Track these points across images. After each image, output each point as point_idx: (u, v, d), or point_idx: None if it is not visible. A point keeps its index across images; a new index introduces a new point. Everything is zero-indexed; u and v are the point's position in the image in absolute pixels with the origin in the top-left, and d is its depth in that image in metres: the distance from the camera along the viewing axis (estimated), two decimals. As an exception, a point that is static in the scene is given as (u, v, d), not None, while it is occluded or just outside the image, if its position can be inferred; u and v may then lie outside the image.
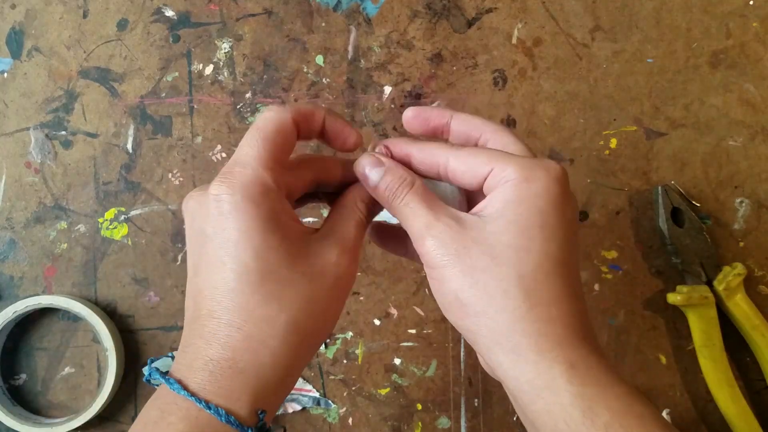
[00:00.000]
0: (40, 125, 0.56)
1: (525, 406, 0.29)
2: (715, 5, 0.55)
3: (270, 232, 0.29)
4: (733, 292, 0.52)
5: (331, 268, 0.31)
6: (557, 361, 0.28)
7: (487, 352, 0.30)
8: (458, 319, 0.30)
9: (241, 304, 0.29)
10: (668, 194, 0.53)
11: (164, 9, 0.56)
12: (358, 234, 0.33)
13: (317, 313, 0.30)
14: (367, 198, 0.34)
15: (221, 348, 0.29)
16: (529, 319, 0.28)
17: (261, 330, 0.29)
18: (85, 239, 0.56)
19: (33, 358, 0.55)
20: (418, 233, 0.31)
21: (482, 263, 0.29)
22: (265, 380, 0.29)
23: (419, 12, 0.56)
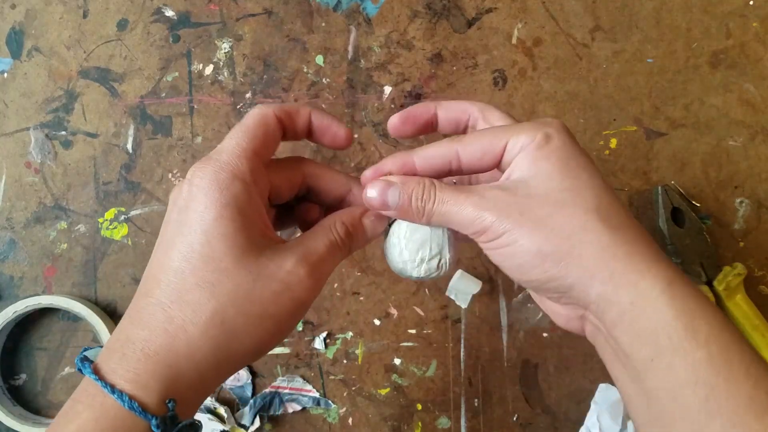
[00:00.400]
0: (40, 125, 0.56)
1: (626, 329, 0.28)
2: (715, 5, 0.55)
3: (226, 220, 0.29)
4: (733, 292, 0.52)
5: (283, 274, 0.29)
6: (657, 278, 0.28)
7: (585, 291, 0.29)
8: (544, 272, 0.29)
9: (175, 285, 0.28)
10: (668, 194, 0.53)
11: (164, 9, 0.56)
12: (328, 253, 0.32)
13: (252, 314, 0.28)
14: (348, 220, 0.33)
15: (141, 327, 0.28)
16: (616, 243, 0.29)
17: (184, 314, 0.28)
18: (85, 239, 0.56)
19: (33, 358, 0.55)
20: (472, 215, 0.30)
21: (546, 212, 0.29)
22: (177, 369, 0.27)
23: (419, 12, 0.56)
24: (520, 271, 0.30)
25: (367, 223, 0.34)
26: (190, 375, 0.28)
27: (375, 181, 0.33)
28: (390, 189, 0.32)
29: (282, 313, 0.29)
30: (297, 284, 0.30)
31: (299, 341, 0.55)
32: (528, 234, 0.29)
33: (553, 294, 0.31)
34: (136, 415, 0.26)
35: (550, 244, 0.29)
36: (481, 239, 0.31)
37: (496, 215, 0.30)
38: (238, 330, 0.28)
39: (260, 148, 0.31)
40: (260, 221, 0.31)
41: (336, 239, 0.32)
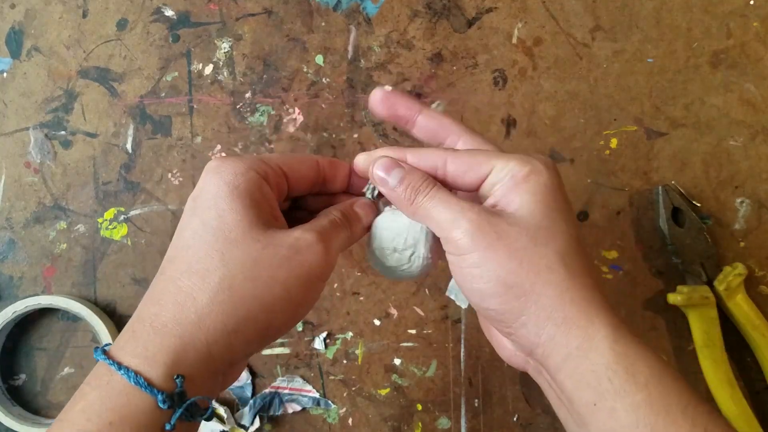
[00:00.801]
0: (40, 125, 0.56)
1: (570, 373, 0.29)
2: (716, 5, 0.55)
3: (237, 199, 0.30)
4: (733, 292, 0.52)
5: (291, 240, 0.30)
6: (604, 324, 0.29)
7: (536, 331, 0.30)
8: (503, 303, 0.30)
9: (186, 259, 0.29)
10: (669, 194, 0.53)
11: (164, 9, 0.56)
12: (332, 229, 0.33)
13: (260, 279, 0.28)
14: (342, 207, 0.35)
15: (152, 304, 0.28)
16: (575, 289, 0.30)
17: (192, 282, 0.28)
18: (84, 239, 0.55)
19: (33, 358, 0.55)
20: (451, 220, 0.31)
21: (521, 244, 0.30)
22: (186, 341, 0.27)
23: (419, 12, 0.56)
24: (479, 296, 0.31)
25: (359, 210, 0.35)
26: (199, 346, 0.27)
27: (388, 159, 0.34)
28: (395, 169, 0.33)
29: (291, 278, 0.29)
30: (306, 249, 0.30)
31: (299, 341, 0.55)
32: (498, 260, 0.30)
33: (504, 328, 0.31)
34: (142, 390, 0.25)
35: (516, 276, 0.30)
36: (451, 250, 0.31)
37: (475, 227, 0.30)
38: (246, 295, 0.28)
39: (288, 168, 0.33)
40: (271, 209, 0.31)
41: (336, 219, 0.33)
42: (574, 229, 0.31)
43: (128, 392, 0.25)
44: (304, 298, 0.30)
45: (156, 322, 0.27)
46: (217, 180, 0.30)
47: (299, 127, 0.56)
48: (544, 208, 0.31)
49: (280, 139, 0.56)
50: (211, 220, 0.29)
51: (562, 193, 0.32)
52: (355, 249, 0.55)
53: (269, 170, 0.32)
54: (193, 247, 0.29)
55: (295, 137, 0.56)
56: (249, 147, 0.56)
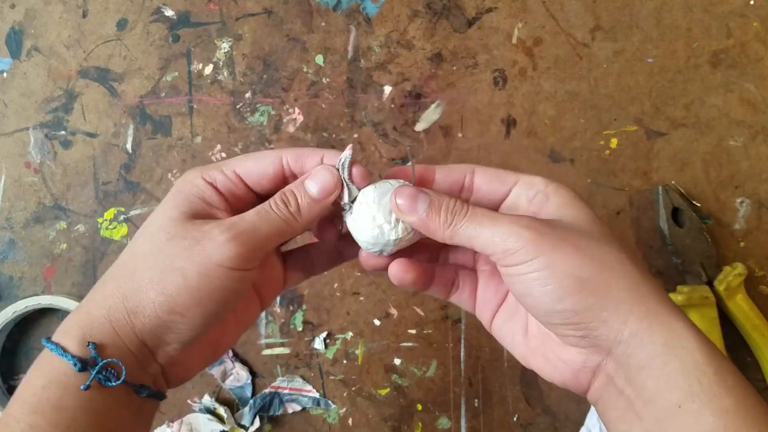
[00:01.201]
0: (40, 125, 0.56)
1: (654, 372, 0.28)
2: (716, 5, 0.55)
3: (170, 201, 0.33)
4: (733, 292, 0.52)
5: (195, 233, 0.31)
6: (685, 323, 0.28)
7: (618, 327, 0.28)
8: (581, 300, 0.29)
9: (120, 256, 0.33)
10: (668, 194, 0.53)
11: (164, 9, 0.56)
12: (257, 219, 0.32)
13: (158, 268, 0.31)
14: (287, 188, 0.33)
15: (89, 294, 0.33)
16: (649, 285, 0.29)
17: (111, 273, 0.32)
18: (84, 239, 0.55)
19: (33, 358, 0.55)
20: (506, 231, 0.30)
21: (585, 243, 0.30)
22: (92, 316, 0.31)
23: (419, 12, 0.56)
24: (553, 298, 0.29)
25: (310, 184, 0.33)
26: (102, 321, 0.31)
27: (406, 186, 0.33)
28: (420, 195, 0.32)
29: (189, 266, 0.30)
30: (208, 239, 0.31)
31: (299, 341, 0.55)
32: (567, 258, 0.29)
33: (579, 330, 0.30)
34: (63, 358, 0.29)
35: (589, 270, 0.29)
36: (510, 260, 0.30)
37: (534, 234, 0.29)
38: (143, 281, 0.31)
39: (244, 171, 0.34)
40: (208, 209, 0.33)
41: (267, 205, 0.33)
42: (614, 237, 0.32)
43: (54, 361, 0.30)
44: (206, 285, 0.31)
45: (79, 306, 0.32)
46: (172, 188, 0.34)
47: (299, 127, 0.56)
48: (586, 216, 0.31)
49: (280, 139, 0.56)
50: (147, 219, 0.33)
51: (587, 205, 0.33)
52: (355, 249, 0.55)
53: (219, 176, 0.34)
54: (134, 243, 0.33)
55: (295, 137, 0.56)
56: (249, 147, 0.56)
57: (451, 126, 0.55)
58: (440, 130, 0.55)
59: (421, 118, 0.56)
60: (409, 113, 0.56)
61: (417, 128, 0.56)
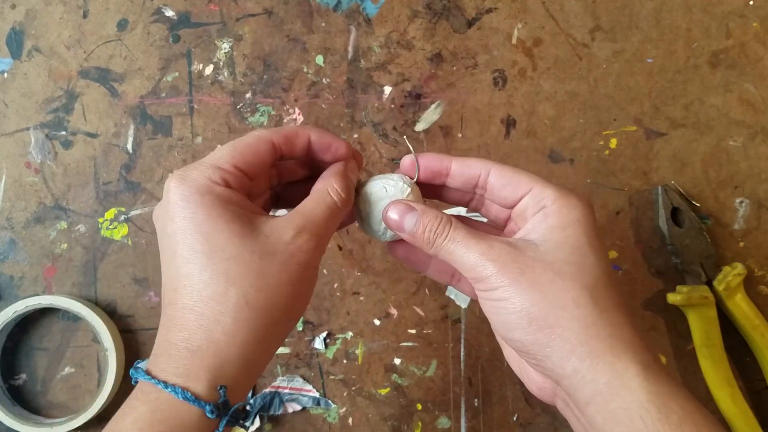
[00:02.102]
0: (40, 125, 0.56)
1: (600, 408, 0.29)
2: (715, 5, 0.55)
3: (215, 218, 0.30)
4: (733, 292, 0.52)
5: (284, 246, 0.31)
6: (633, 361, 0.29)
7: (561, 364, 0.30)
8: (527, 335, 0.30)
9: (192, 286, 0.30)
10: (668, 194, 0.53)
11: (164, 9, 0.56)
12: (326, 217, 0.33)
13: (270, 288, 0.30)
14: (340, 184, 0.34)
15: (177, 330, 0.30)
16: (601, 324, 0.30)
17: (211, 308, 0.30)
18: (85, 239, 0.56)
19: (33, 358, 0.55)
20: (475, 261, 0.32)
21: (546, 278, 0.31)
22: (222, 357, 0.29)
23: (419, 12, 0.56)
24: (505, 328, 0.31)
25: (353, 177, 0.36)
26: (235, 360, 0.29)
27: (398, 202, 0.35)
28: (409, 214, 0.34)
29: (293, 278, 0.31)
30: (298, 251, 0.31)
31: (299, 341, 0.55)
32: (522, 294, 0.30)
33: (531, 359, 0.32)
34: (189, 404, 0.28)
35: (539, 309, 0.30)
36: (478, 286, 0.32)
37: (497, 268, 0.31)
38: (263, 305, 0.30)
39: (244, 164, 0.33)
40: (245, 209, 0.32)
41: (333, 202, 0.34)
42: (605, 264, 0.32)
43: (177, 407, 0.28)
44: (307, 287, 0.33)
45: (190, 346, 0.29)
46: (188, 204, 0.31)
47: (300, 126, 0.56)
48: (574, 243, 0.32)
49: (280, 139, 0.56)
50: (199, 246, 0.30)
51: (594, 228, 0.32)
52: (355, 249, 0.55)
53: (227, 176, 0.32)
54: (194, 274, 0.30)
55: (295, 137, 0.56)
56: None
57: (451, 126, 0.56)
58: (440, 130, 0.56)
59: (421, 119, 0.56)
60: (409, 113, 0.56)
61: (417, 128, 0.56)
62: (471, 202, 0.38)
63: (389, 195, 0.35)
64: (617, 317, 0.30)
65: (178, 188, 0.31)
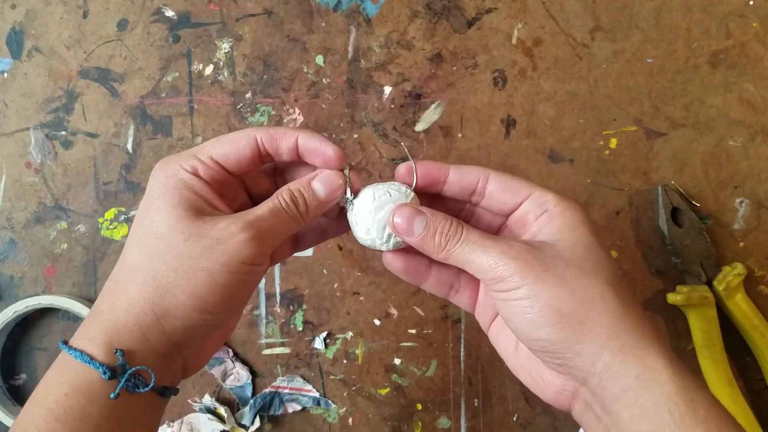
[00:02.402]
0: (40, 125, 0.56)
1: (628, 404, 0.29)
2: (715, 5, 0.55)
3: (166, 198, 0.32)
4: (733, 292, 0.52)
5: (214, 231, 0.31)
6: (660, 355, 0.29)
7: (592, 360, 0.29)
8: (557, 332, 0.30)
9: (123, 257, 0.32)
10: (668, 194, 0.53)
11: (164, 9, 0.56)
12: (271, 216, 0.33)
13: (182, 269, 0.30)
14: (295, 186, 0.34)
15: (98, 298, 0.32)
16: (629, 319, 0.30)
17: (124, 276, 0.31)
18: (85, 239, 0.56)
19: (33, 358, 0.55)
20: (495, 261, 0.31)
21: (571, 273, 0.30)
22: (119, 323, 0.30)
23: (419, 12, 0.56)
24: (532, 327, 0.30)
25: (317, 186, 0.34)
26: (131, 328, 0.30)
27: (405, 205, 0.34)
28: (418, 217, 0.33)
29: (214, 266, 0.31)
30: (229, 238, 0.31)
31: (299, 341, 0.55)
32: (549, 289, 0.30)
33: (556, 359, 0.31)
34: (88, 365, 0.29)
35: (569, 303, 0.30)
36: (498, 287, 0.31)
37: (521, 265, 0.30)
38: (169, 285, 0.30)
39: (221, 156, 0.33)
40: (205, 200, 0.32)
41: (279, 204, 0.33)
42: (613, 262, 0.32)
43: (78, 368, 0.29)
44: (232, 282, 0.31)
45: (97, 311, 0.31)
46: (154, 184, 0.32)
47: (299, 127, 0.56)
48: (585, 242, 0.32)
49: (280, 139, 0.56)
50: (144, 220, 0.32)
51: (596, 230, 0.33)
52: (356, 249, 0.55)
53: (199, 165, 0.33)
54: (129, 245, 0.32)
55: (295, 137, 0.56)
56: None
57: (451, 126, 0.56)
58: (440, 130, 0.56)
59: (421, 119, 0.56)
60: (409, 113, 0.56)
61: (417, 128, 0.56)
62: (460, 214, 0.37)
63: (393, 200, 0.34)
64: (639, 312, 0.31)
65: (154, 170, 0.33)
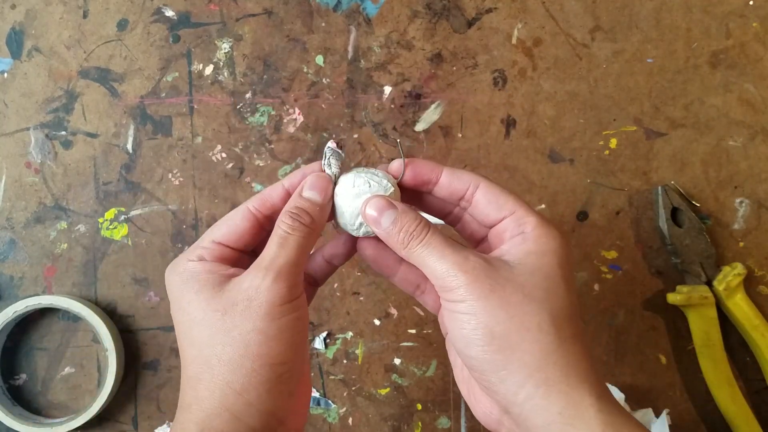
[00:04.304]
0: (40, 125, 0.56)
1: None
2: (715, 5, 0.55)
3: (187, 291, 0.33)
4: (732, 292, 0.52)
5: (243, 293, 0.31)
6: (588, 392, 0.29)
7: (515, 390, 0.30)
8: (486, 353, 0.30)
9: (183, 357, 0.33)
10: (668, 194, 0.53)
11: (164, 9, 0.56)
12: (280, 249, 0.33)
13: (236, 341, 0.31)
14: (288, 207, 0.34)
15: (180, 396, 0.33)
16: (560, 353, 0.30)
17: (196, 369, 0.32)
18: (85, 239, 0.56)
19: (33, 358, 0.55)
20: (447, 269, 0.31)
21: (516, 299, 0.30)
22: (206, 410, 0.31)
23: (419, 12, 0.56)
24: (464, 342, 0.31)
25: (308, 194, 0.35)
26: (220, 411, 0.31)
27: (379, 197, 0.34)
28: (388, 210, 0.33)
29: (260, 323, 0.31)
30: (256, 293, 0.31)
31: (299, 341, 0.55)
32: (488, 310, 0.30)
33: (483, 380, 0.31)
34: None
35: (504, 327, 0.30)
36: (445, 296, 0.32)
37: (470, 279, 0.31)
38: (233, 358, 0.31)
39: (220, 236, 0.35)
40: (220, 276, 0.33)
41: (283, 233, 0.33)
42: (573, 297, 0.32)
43: None
44: (283, 327, 0.32)
45: (184, 405, 0.32)
46: (171, 288, 0.34)
47: (299, 127, 0.56)
48: (548, 270, 0.31)
49: (280, 139, 0.56)
50: (181, 319, 0.33)
51: (569, 262, 0.32)
52: (355, 249, 0.55)
53: (202, 251, 0.34)
54: (182, 347, 0.33)
55: (295, 137, 0.56)
56: (249, 147, 0.56)
57: (451, 126, 0.56)
58: (440, 130, 0.56)
59: (421, 119, 0.56)
60: (409, 113, 0.56)
61: (417, 128, 0.56)
62: (449, 216, 0.37)
63: (371, 191, 0.35)
64: (576, 347, 0.30)
65: (168, 275, 0.34)
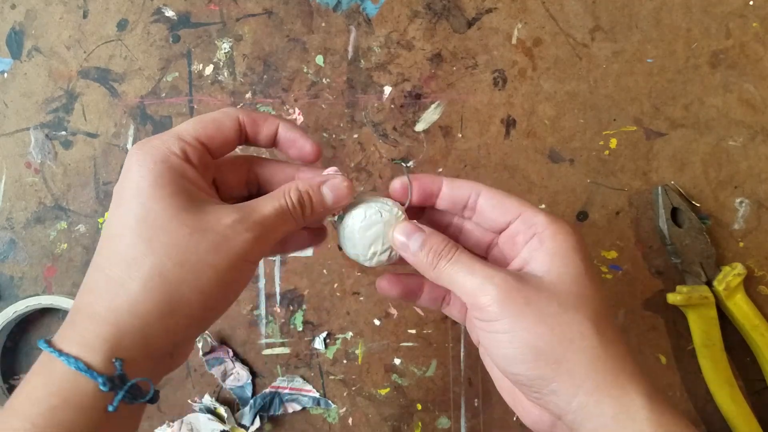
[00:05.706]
0: (40, 125, 0.56)
1: None
2: (715, 5, 0.55)
3: (161, 185, 0.29)
4: (732, 292, 0.52)
5: (220, 227, 0.30)
6: (638, 393, 0.29)
7: (567, 399, 0.29)
8: (533, 369, 0.30)
9: (112, 247, 0.29)
10: (668, 194, 0.53)
11: (164, 9, 0.56)
12: (275, 216, 0.32)
13: (189, 264, 0.29)
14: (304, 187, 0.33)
15: (86, 293, 0.29)
16: (606, 357, 0.30)
17: (123, 272, 0.28)
18: (85, 239, 0.56)
19: (33, 358, 0.55)
20: (477, 287, 0.31)
21: (552, 309, 0.30)
22: (121, 327, 0.28)
23: (419, 12, 0.56)
24: (508, 361, 0.30)
25: (326, 192, 0.34)
26: (134, 331, 0.28)
27: (407, 223, 0.34)
28: (416, 233, 0.33)
29: (221, 262, 0.29)
30: (234, 237, 0.30)
31: (299, 341, 0.55)
32: (529, 327, 0.30)
33: (533, 393, 0.31)
34: (83, 375, 0.26)
35: (547, 341, 0.29)
36: (478, 315, 0.31)
37: (502, 295, 0.30)
38: (176, 280, 0.28)
39: (207, 138, 0.32)
40: (199, 187, 0.31)
41: (285, 204, 0.32)
42: (603, 294, 0.31)
43: (70, 377, 0.26)
44: (235, 280, 0.31)
45: (91, 311, 0.28)
46: (139, 169, 0.30)
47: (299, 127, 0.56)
48: (573, 272, 0.31)
49: (280, 139, 0.56)
50: (136, 209, 0.29)
51: (587, 255, 0.32)
52: (355, 249, 0.55)
53: (188, 148, 0.31)
54: (120, 235, 0.29)
55: (295, 137, 0.56)
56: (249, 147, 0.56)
57: (451, 126, 0.56)
58: (440, 130, 0.56)
59: (421, 119, 0.56)
60: (409, 113, 0.56)
61: (417, 128, 0.56)
62: (449, 228, 0.37)
63: (383, 220, 0.35)
64: (620, 349, 0.30)
65: (135, 154, 0.30)
